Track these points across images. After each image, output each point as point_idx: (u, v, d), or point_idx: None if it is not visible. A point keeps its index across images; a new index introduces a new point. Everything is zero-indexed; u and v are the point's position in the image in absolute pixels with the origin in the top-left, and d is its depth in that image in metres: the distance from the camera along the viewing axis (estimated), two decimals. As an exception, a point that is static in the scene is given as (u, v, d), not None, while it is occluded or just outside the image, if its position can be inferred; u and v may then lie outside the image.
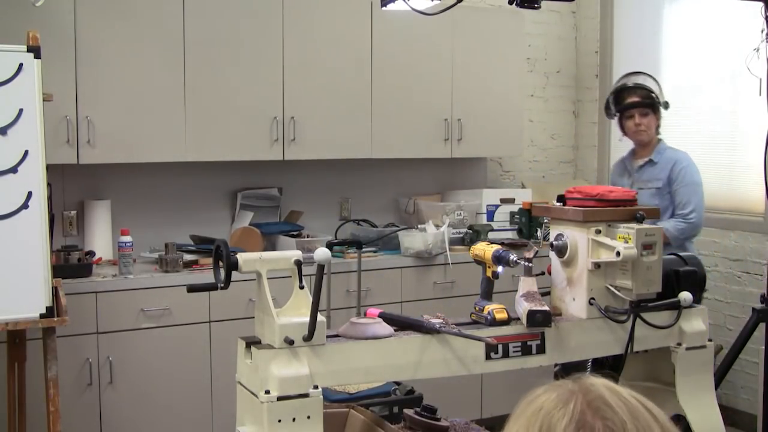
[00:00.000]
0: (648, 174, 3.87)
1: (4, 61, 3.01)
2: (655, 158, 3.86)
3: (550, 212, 2.60)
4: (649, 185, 3.83)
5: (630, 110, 3.84)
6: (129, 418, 3.75)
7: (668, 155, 3.85)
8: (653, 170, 3.86)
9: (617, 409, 0.93)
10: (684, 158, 3.85)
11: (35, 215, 2.98)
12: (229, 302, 3.78)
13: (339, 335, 2.23)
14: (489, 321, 2.34)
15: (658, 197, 3.80)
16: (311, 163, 4.58)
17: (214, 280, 2.21)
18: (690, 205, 3.77)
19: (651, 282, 2.43)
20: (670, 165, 3.81)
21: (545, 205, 2.73)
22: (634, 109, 3.83)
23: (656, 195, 3.82)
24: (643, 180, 3.87)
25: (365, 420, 2.41)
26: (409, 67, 4.57)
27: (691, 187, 3.80)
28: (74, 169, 4.00)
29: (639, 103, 3.82)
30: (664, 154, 3.86)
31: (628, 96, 3.84)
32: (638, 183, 3.87)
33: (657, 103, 3.82)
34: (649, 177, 3.86)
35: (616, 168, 4.11)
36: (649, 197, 3.77)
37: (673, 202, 3.80)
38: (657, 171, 3.84)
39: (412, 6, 2.89)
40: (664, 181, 3.80)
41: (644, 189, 3.81)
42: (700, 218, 3.79)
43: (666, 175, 3.80)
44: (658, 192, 3.82)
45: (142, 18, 3.93)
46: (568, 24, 5.63)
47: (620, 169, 4.06)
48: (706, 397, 2.56)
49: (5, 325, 2.92)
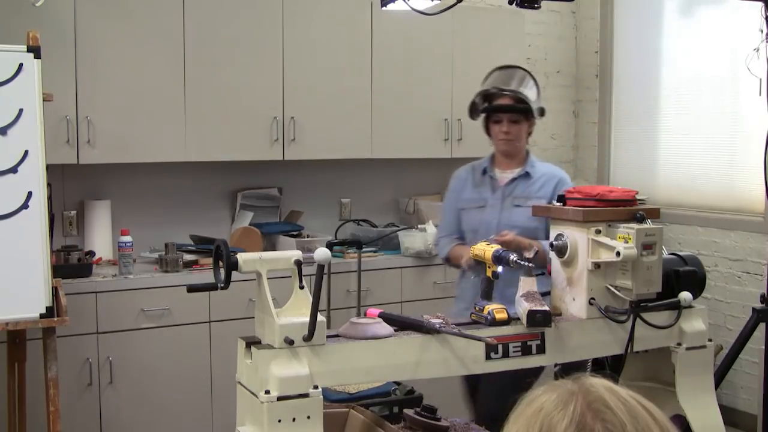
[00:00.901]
0: (523, 189, 3.23)
1: (4, 61, 3.01)
2: (531, 171, 3.25)
3: (550, 212, 2.60)
4: (528, 203, 3.11)
5: (498, 114, 3.22)
6: (129, 418, 3.75)
7: (545, 170, 3.28)
8: (529, 185, 3.23)
9: (617, 410, 0.93)
10: (565, 175, 3.31)
11: (35, 215, 2.98)
12: (229, 302, 3.78)
13: (339, 335, 2.23)
14: (489, 321, 2.34)
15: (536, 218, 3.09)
16: (311, 163, 4.58)
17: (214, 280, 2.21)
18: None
19: (651, 282, 2.43)
20: (553, 182, 3.22)
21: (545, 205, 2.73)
22: (503, 114, 3.21)
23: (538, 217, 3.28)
24: (517, 196, 3.23)
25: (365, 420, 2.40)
26: (409, 67, 4.57)
27: None
28: (74, 169, 4.00)
29: (509, 107, 3.19)
30: (539, 168, 3.27)
31: (500, 97, 3.21)
32: (512, 199, 3.23)
33: (530, 111, 3.19)
34: (525, 193, 3.22)
35: (467, 176, 3.35)
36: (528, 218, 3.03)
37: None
38: (535, 187, 3.23)
39: (412, 6, 2.89)
40: (547, 200, 3.12)
41: (522, 207, 3.18)
42: None
43: (548, 192, 3.18)
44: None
45: (142, 18, 3.93)
46: (568, 24, 5.63)
47: (475, 179, 3.32)
48: (706, 397, 2.56)
49: (5, 325, 2.92)
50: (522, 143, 3.24)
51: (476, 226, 3.21)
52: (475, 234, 3.17)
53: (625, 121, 5.42)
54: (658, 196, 5.07)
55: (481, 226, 3.19)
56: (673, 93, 5.08)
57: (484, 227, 3.17)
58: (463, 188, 3.32)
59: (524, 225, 3.09)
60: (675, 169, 5.07)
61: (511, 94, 3.18)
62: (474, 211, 3.25)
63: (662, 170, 5.15)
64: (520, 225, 3.09)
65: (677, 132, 5.06)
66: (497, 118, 3.21)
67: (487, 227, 3.17)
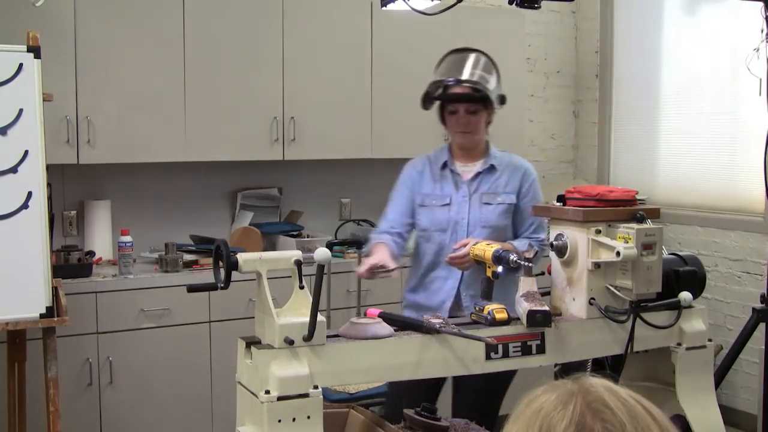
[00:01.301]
0: (490, 184, 3.01)
1: (4, 61, 3.01)
2: (495, 163, 3.03)
3: (550, 212, 2.59)
4: (498, 200, 2.99)
5: (454, 104, 2.96)
6: (129, 418, 3.75)
7: (507, 160, 3.06)
8: (495, 180, 3.02)
9: (616, 410, 0.93)
10: (528, 165, 3.10)
11: (35, 215, 2.98)
12: (229, 302, 3.78)
13: (339, 335, 2.23)
14: (489, 321, 2.34)
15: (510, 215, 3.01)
16: (311, 163, 4.58)
17: (214, 280, 2.21)
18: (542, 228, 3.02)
19: (651, 282, 2.43)
20: (518, 175, 3.02)
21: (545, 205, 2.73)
22: (459, 104, 2.96)
23: (508, 213, 3.01)
24: (484, 192, 3.00)
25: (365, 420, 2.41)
26: (409, 67, 4.56)
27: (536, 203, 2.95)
28: (74, 169, 4.00)
29: (466, 96, 2.93)
30: (501, 159, 3.05)
31: (455, 85, 2.95)
32: (479, 195, 3.00)
33: (489, 99, 2.95)
34: (492, 188, 3.00)
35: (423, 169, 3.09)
36: (500, 215, 2.99)
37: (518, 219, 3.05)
38: (501, 182, 3.01)
39: (412, 6, 2.89)
40: (515, 195, 3.01)
41: (491, 204, 2.98)
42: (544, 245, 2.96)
43: (515, 187, 3.01)
44: (511, 209, 3.01)
45: (142, 18, 3.93)
46: (568, 24, 5.63)
47: (434, 173, 3.07)
48: (706, 397, 2.56)
49: (5, 325, 2.92)
50: (481, 135, 3.03)
51: (443, 225, 3.02)
52: (442, 233, 3.02)
53: (625, 121, 5.42)
54: (658, 196, 5.07)
55: (449, 225, 3.00)
56: (673, 93, 5.08)
57: (452, 226, 3.00)
58: (421, 182, 3.07)
59: (495, 224, 2.97)
60: (675, 169, 5.07)
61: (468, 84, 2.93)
62: (438, 209, 3.03)
63: (662, 170, 5.15)
64: (492, 224, 2.97)
65: (677, 132, 5.06)
66: (453, 109, 2.97)
67: (455, 226, 3.00)
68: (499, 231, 2.98)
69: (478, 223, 2.97)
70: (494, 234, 2.94)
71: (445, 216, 3.01)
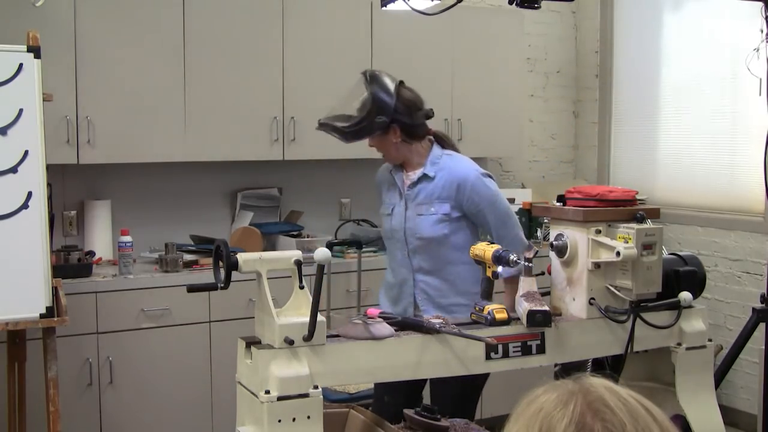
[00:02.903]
0: (425, 194, 2.92)
1: (4, 61, 3.01)
2: (430, 172, 2.91)
3: (550, 212, 2.60)
4: (431, 210, 2.90)
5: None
6: (129, 418, 3.75)
7: (449, 168, 2.91)
8: (431, 188, 2.91)
9: (616, 410, 0.93)
10: (470, 172, 2.89)
11: (35, 215, 2.98)
12: (229, 302, 3.78)
13: (339, 335, 2.23)
14: (489, 321, 2.34)
15: (447, 225, 2.90)
16: (311, 163, 4.58)
17: (214, 280, 2.21)
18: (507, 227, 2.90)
19: (651, 282, 2.43)
20: (454, 185, 2.88)
21: (545, 205, 2.73)
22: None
23: (444, 223, 2.90)
24: (420, 202, 2.92)
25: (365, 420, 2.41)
26: (409, 67, 4.55)
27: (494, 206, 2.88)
28: (74, 169, 4.00)
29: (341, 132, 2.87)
30: (443, 166, 2.91)
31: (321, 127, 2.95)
32: (414, 206, 2.93)
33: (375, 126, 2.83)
34: (427, 198, 2.91)
35: (384, 176, 3.09)
36: (432, 226, 2.90)
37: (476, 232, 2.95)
38: (436, 190, 2.90)
39: (412, 6, 2.89)
40: (452, 204, 2.88)
41: (424, 215, 2.91)
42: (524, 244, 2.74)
43: (451, 196, 2.88)
44: (446, 218, 2.89)
45: (142, 18, 3.93)
46: (568, 24, 5.63)
47: (388, 179, 3.05)
48: (706, 397, 2.56)
49: (5, 325, 2.92)
50: (396, 153, 2.93)
51: (387, 234, 3.04)
52: (389, 242, 3.05)
53: (625, 121, 5.42)
54: (658, 196, 5.07)
55: (392, 234, 3.00)
56: (673, 93, 5.09)
57: (394, 235, 2.99)
58: (381, 189, 3.09)
59: (429, 235, 2.90)
60: (675, 169, 5.07)
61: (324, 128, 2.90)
62: (385, 218, 3.04)
63: (662, 170, 5.15)
64: (425, 236, 2.90)
65: (677, 132, 5.06)
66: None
67: (396, 235, 2.99)
68: (436, 243, 2.90)
69: (413, 234, 2.93)
70: (430, 246, 2.90)
71: (388, 225, 3.02)
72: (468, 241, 2.83)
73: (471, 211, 2.89)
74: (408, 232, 2.94)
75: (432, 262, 2.93)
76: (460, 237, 2.90)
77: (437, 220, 2.89)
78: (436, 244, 2.91)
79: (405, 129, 2.88)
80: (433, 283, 2.96)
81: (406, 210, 2.96)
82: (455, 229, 2.90)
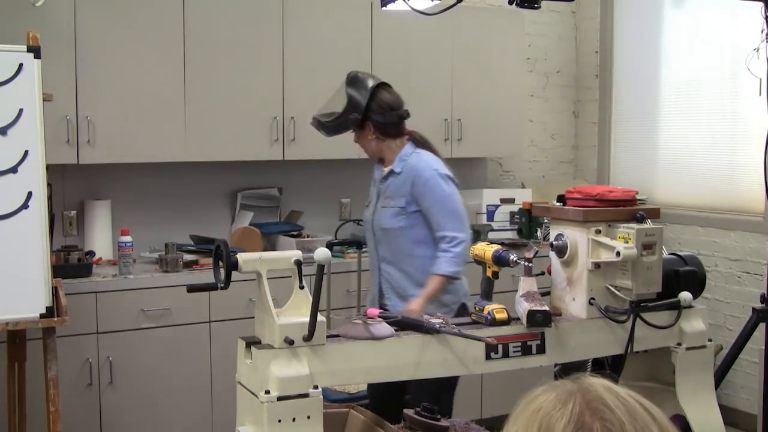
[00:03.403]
0: (393, 188, 3.17)
1: (4, 61, 3.01)
2: (397, 168, 3.17)
3: (550, 212, 2.60)
4: (392, 203, 3.15)
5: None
6: (129, 418, 3.75)
7: (411, 164, 3.14)
8: (397, 183, 3.16)
9: (615, 409, 0.94)
10: (425, 169, 3.12)
11: (35, 215, 2.98)
12: (229, 302, 3.78)
13: (339, 335, 2.24)
14: (489, 321, 2.34)
15: (404, 218, 3.12)
16: (311, 163, 4.58)
17: (214, 280, 2.21)
18: (447, 228, 3.06)
19: (651, 282, 2.43)
20: (411, 179, 3.11)
21: (545, 205, 2.73)
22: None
23: (401, 216, 3.12)
24: (387, 195, 3.19)
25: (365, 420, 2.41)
26: (409, 67, 4.57)
27: (440, 204, 3.08)
28: (74, 169, 4.00)
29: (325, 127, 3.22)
30: (408, 162, 3.15)
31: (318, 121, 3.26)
32: (383, 199, 3.20)
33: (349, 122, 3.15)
34: (393, 192, 3.16)
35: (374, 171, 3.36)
36: (390, 218, 3.15)
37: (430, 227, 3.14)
38: (399, 185, 3.15)
39: (412, 6, 2.89)
40: (408, 199, 3.11)
41: (386, 208, 3.17)
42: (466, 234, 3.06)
43: (407, 190, 3.11)
44: (403, 212, 3.12)
45: (142, 18, 3.93)
46: (568, 24, 5.63)
47: (376, 174, 3.33)
48: (706, 397, 2.57)
49: (5, 325, 2.92)
50: (373, 148, 3.21)
51: (365, 226, 3.36)
52: (366, 233, 3.34)
53: (625, 121, 5.42)
54: (658, 196, 5.07)
55: (366, 225, 3.32)
56: (673, 93, 5.09)
57: (367, 227, 3.30)
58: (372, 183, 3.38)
59: (387, 226, 3.16)
60: (675, 169, 5.07)
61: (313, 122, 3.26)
62: (366, 209, 3.35)
63: (662, 170, 5.15)
64: (385, 226, 3.17)
65: (677, 132, 5.06)
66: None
67: (367, 227, 3.29)
68: (393, 233, 3.15)
69: (378, 225, 3.21)
70: (389, 236, 3.16)
71: (366, 215, 3.33)
72: (427, 235, 3.10)
73: (422, 206, 3.11)
74: (375, 223, 3.22)
75: (392, 253, 3.18)
76: (418, 230, 3.12)
77: (395, 213, 3.14)
78: (394, 235, 3.15)
79: (378, 126, 3.16)
80: (394, 274, 3.18)
81: (377, 202, 3.24)
82: (413, 223, 3.12)
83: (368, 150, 3.24)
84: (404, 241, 3.13)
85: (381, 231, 3.19)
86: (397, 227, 3.13)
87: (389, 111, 3.16)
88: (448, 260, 3.02)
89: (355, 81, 3.15)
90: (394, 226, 3.13)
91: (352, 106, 3.12)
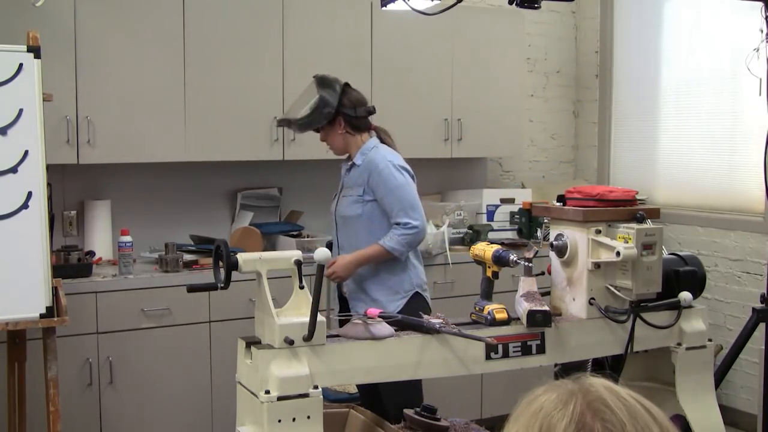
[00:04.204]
0: (352, 179, 3.41)
1: (4, 61, 3.01)
2: (358, 161, 3.40)
3: (550, 212, 2.60)
4: (350, 192, 3.40)
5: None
6: (129, 418, 3.75)
7: (370, 158, 3.37)
8: (356, 174, 3.40)
9: (616, 410, 0.94)
10: (381, 161, 3.34)
11: (35, 215, 2.98)
12: (229, 302, 3.78)
13: (339, 335, 2.24)
14: (489, 321, 2.34)
15: (360, 206, 3.36)
16: (311, 163, 4.58)
17: (214, 280, 2.21)
18: (400, 216, 3.28)
19: (651, 282, 2.43)
20: (368, 170, 3.34)
21: (545, 205, 2.73)
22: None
23: (358, 203, 3.36)
24: (347, 185, 3.45)
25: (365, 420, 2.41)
26: (409, 67, 4.57)
27: (394, 192, 3.29)
28: (74, 169, 4.00)
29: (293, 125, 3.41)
30: (368, 156, 3.38)
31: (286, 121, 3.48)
32: (345, 190, 3.46)
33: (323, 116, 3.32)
34: (352, 182, 3.41)
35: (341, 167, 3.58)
36: (348, 206, 3.39)
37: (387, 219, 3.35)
38: (358, 175, 3.39)
39: (412, 6, 2.89)
40: (365, 188, 3.35)
41: (346, 197, 3.42)
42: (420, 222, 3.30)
43: (364, 181, 3.35)
44: (360, 200, 3.36)
45: (142, 18, 3.93)
46: (568, 24, 5.63)
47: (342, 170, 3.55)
48: (706, 397, 2.57)
49: (5, 325, 2.92)
50: (338, 144, 3.42)
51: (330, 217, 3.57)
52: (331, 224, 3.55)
53: (625, 121, 5.42)
54: (658, 196, 5.07)
55: (330, 216, 3.55)
56: (673, 93, 5.09)
57: (331, 217, 3.53)
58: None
59: (345, 214, 3.39)
60: (675, 169, 5.07)
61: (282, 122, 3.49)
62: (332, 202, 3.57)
63: (662, 170, 5.15)
64: (344, 214, 3.40)
65: (677, 132, 5.06)
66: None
67: (331, 217, 3.52)
68: (351, 221, 3.38)
69: (339, 213, 3.44)
70: (348, 224, 3.40)
71: (331, 206, 3.54)
72: (382, 225, 3.31)
73: (377, 195, 3.31)
74: (337, 212, 3.45)
75: (349, 241, 3.39)
76: (375, 222, 3.34)
77: (353, 201, 3.37)
78: (352, 223, 3.37)
79: (348, 121, 3.36)
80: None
81: (340, 192, 3.47)
82: (370, 212, 3.34)
83: (336, 146, 3.43)
84: (361, 230, 3.33)
85: (341, 219, 3.42)
86: (354, 215, 3.35)
87: (359, 106, 3.39)
88: (393, 237, 3.26)
89: (324, 81, 3.36)
90: (352, 213, 3.36)
91: (324, 103, 3.31)
